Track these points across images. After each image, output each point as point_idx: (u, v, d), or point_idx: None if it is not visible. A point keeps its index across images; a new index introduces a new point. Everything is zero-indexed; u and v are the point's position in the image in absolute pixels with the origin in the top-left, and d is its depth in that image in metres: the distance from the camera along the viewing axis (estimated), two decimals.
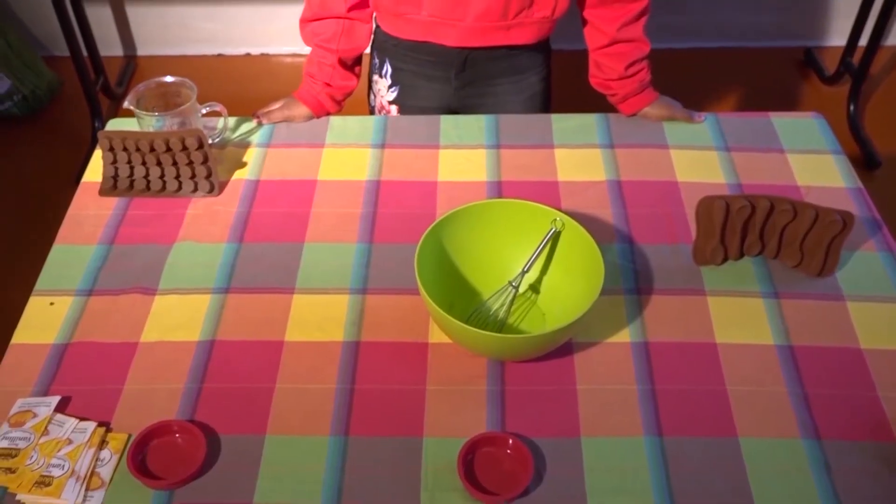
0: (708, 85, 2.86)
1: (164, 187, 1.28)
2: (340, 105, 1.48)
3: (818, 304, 1.13)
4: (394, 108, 1.53)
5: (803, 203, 1.14)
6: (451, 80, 1.46)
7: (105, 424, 0.99)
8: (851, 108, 2.66)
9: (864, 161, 2.55)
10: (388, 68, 1.50)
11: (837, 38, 2.84)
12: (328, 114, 1.46)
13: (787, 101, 2.79)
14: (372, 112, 1.60)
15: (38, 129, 2.73)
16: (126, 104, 1.30)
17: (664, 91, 1.44)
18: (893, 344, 1.07)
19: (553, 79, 1.58)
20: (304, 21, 1.44)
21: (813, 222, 1.12)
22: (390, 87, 1.51)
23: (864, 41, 2.62)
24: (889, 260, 1.18)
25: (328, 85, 1.44)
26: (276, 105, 1.45)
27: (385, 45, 1.49)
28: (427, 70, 1.46)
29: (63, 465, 0.93)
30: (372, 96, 1.58)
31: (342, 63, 1.44)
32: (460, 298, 1.12)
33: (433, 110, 1.50)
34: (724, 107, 2.75)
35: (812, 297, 1.13)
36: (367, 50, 1.53)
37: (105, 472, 0.94)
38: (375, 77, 1.54)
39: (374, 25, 1.48)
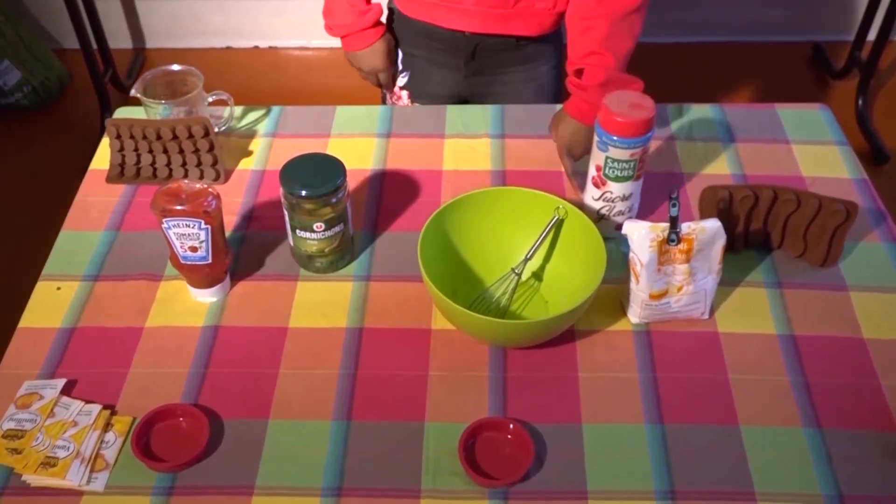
0: (717, 79, 2.85)
1: (170, 174, 1.29)
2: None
3: (821, 294, 1.12)
4: (405, 94, 1.54)
5: (807, 193, 1.14)
6: (461, 68, 1.46)
7: (110, 407, 1.00)
8: (860, 102, 2.65)
9: (873, 156, 2.55)
10: (399, 53, 1.51)
11: (846, 32, 2.83)
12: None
13: (796, 96, 2.75)
14: (383, 98, 1.60)
15: (47, 120, 2.75)
16: (133, 92, 1.31)
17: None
18: None
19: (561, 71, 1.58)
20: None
21: (816, 212, 1.12)
22: (401, 72, 1.52)
23: (872, 36, 2.61)
24: (893, 251, 1.18)
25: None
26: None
27: (399, 29, 1.49)
28: (437, 57, 1.46)
29: (68, 447, 0.94)
30: None
31: None
32: (463, 285, 1.12)
33: (443, 98, 1.50)
34: (732, 101, 2.74)
35: (815, 287, 1.13)
36: None
37: (109, 453, 0.95)
38: None
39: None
